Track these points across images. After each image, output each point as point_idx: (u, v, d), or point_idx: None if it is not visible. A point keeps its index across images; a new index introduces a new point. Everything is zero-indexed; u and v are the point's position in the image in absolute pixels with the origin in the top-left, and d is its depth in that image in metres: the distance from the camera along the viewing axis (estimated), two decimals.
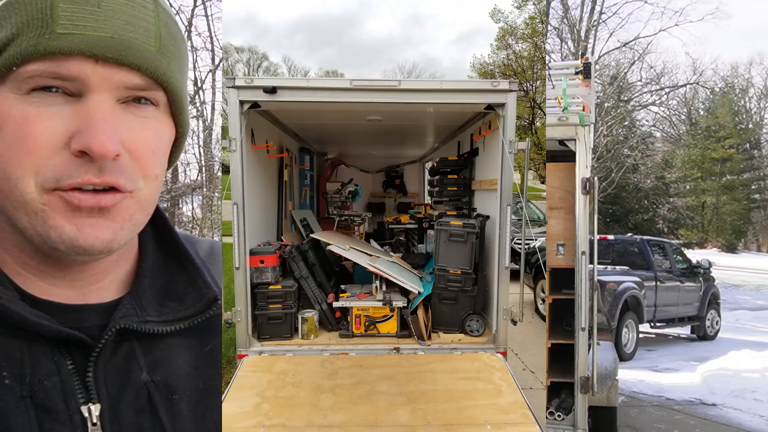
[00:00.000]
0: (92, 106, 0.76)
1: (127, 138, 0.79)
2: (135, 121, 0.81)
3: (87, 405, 0.82)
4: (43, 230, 0.77)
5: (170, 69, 0.83)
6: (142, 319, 0.88)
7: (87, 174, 0.76)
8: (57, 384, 0.82)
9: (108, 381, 0.85)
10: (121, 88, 0.78)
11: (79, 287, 0.88)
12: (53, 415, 0.81)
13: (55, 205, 0.77)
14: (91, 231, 0.78)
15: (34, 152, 0.75)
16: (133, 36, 0.78)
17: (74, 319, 0.85)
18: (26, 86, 0.76)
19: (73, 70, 0.75)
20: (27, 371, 0.81)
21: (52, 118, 0.75)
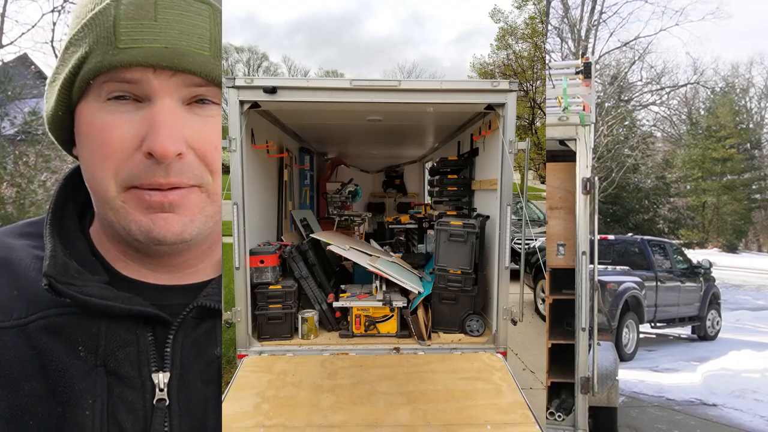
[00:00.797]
0: (155, 110, 0.86)
1: (191, 137, 0.88)
2: (198, 121, 0.90)
3: (158, 373, 0.94)
4: (126, 224, 0.90)
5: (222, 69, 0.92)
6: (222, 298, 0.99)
7: (155, 176, 0.86)
8: (133, 353, 0.94)
9: (184, 353, 0.96)
10: (181, 88, 0.87)
11: (174, 272, 1.00)
12: (125, 381, 0.93)
13: (132, 203, 0.89)
14: (164, 224, 0.89)
15: (112, 155, 0.87)
16: (187, 44, 0.86)
17: (163, 297, 0.97)
18: (103, 96, 0.88)
19: (136, 74, 0.86)
20: (102, 343, 0.93)
21: (125, 124, 0.87)
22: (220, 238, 1.02)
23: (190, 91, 0.88)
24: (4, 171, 8.98)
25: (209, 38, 0.89)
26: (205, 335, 0.97)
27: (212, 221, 0.95)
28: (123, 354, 0.93)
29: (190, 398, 0.94)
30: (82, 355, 0.91)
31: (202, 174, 0.90)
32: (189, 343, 0.96)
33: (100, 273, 0.97)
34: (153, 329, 0.95)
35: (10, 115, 9.43)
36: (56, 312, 0.93)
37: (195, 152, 0.89)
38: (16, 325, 0.92)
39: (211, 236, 0.98)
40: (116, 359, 0.92)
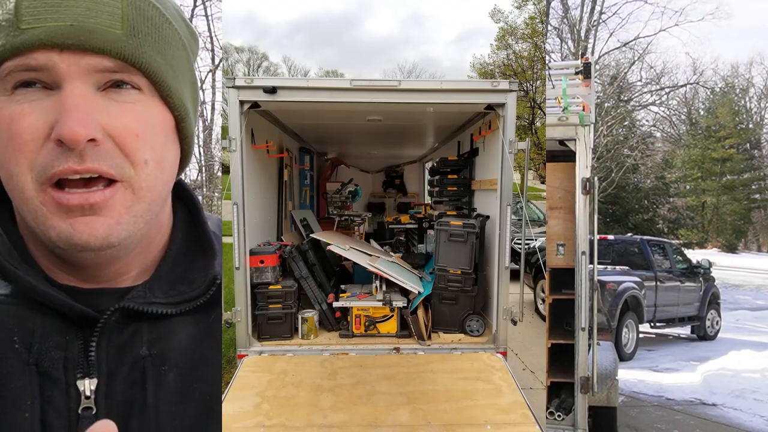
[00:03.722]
0: (65, 95, 0.78)
1: (107, 123, 0.79)
2: (115, 106, 0.81)
3: (84, 379, 0.86)
4: (45, 229, 0.81)
5: (141, 50, 0.82)
6: (147, 300, 0.91)
7: (68, 162, 0.77)
8: (61, 357, 0.86)
9: (110, 358, 0.88)
10: (92, 72, 0.79)
11: (106, 280, 0.91)
12: (56, 383, 0.86)
13: (50, 205, 0.79)
14: (85, 228, 0.80)
15: (24, 147, 0.78)
16: (95, 21, 0.79)
17: (89, 302, 0.89)
18: (9, 85, 0.79)
19: (41, 59, 0.77)
20: (36, 340, 0.85)
21: (34, 112, 0.78)
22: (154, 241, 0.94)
23: (103, 75, 0.80)
24: None
25: (121, 16, 0.81)
26: (131, 339, 0.90)
27: (142, 221, 0.86)
28: (54, 356, 0.86)
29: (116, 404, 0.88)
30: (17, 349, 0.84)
31: (123, 164, 0.81)
32: (114, 347, 0.89)
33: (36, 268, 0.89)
34: (82, 333, 0.88)
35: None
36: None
37: (113, 140, 0.80)
38: None
39: (143, 239, 0.90)
40: (48, 360, 0.85)
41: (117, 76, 0.81)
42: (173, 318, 0.93)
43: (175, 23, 0.90)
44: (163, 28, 0.87)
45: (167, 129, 0.88)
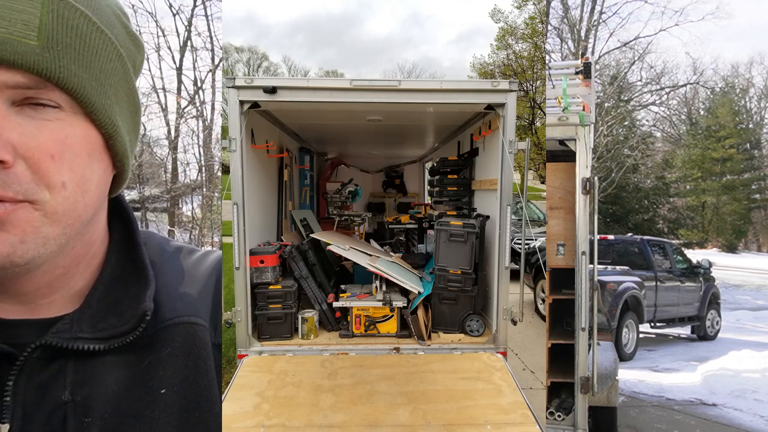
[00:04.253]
0: None
1: (20, 143, 0.71)
2: (30, 125, 0.73)
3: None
4: None
5: (59, 63, 0.74)
6: (73, 335, 0.81)
7: None
8: None
9: (27, 400, 0.79)
10: (3, 88, 0.71)
11: (26, 302, 0.82)
12: None
13: None
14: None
15: None
16: (6, 31, 0.70)
17: (10, 334, 0.80)
18: None
19: None
20: None
21: None
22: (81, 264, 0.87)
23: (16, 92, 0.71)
24: None
25: (38, 26, 0.72)
26: (53, 378, 0.81)
27: (55, 244, 0.77)
28: None
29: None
30: None
31: (35, 189, 0.73)
32: (33, 387, 0.79)
33: None
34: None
35: None
36: None
37: (26, 162, 0.72)
38: None
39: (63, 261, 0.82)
40: None
41: (31, 92, 0.73)
42: (102, 356, 0.84)
43: (108, 31, 0.82)
44: (91, 38, 0.79)
45: (91, 148, 0.79)
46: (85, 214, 0.81)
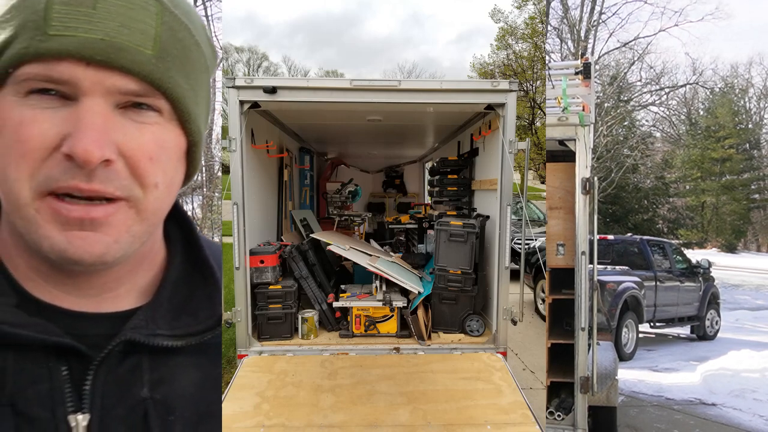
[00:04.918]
0: (83, 110, 0.74)
1: (122, 144, 0.76)
2: (133, 127, 0.78)
3: (76, 414, 0.80)
4: (36, 238, 0.76)
5: (169, 74, 0.79)
6: (151, 332, 0.86)
7: (75, 179, 0.74)
8: (45, 391, 0.80)
9: (106, 392, 0.82)
10: (115, 93, 0.76)
11: (92, 295, 0.86)
12: (35, 423, 0.79)
13: (46, 214, 0.75)
14: (81, 244, 0.76)
15: (29, 155, 0.74)
16: (126, 39, 0.75)
17: (79, 327, 0.83)
18: (23, 89, 0.75)
19: (65, 73, 0.74)
20: (9, 379, 0.79)
21: (46, 120, 0.74)
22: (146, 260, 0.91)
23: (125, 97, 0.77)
24: None
25: (153, 36, 0.77)
26: (130, 373, 0.85)
27: (139, 242, 0.83)
28: (34, 392, 0.79)
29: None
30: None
31: (132, 187, 0.78)
32: (112, 381, 0.83)
33: (6, 294, 0.82)
34: (67, 362, 0.81)
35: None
36: None
37: (126, 161, 0.77)
38: None
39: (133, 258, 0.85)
40: (26, 398, 0.79)
41: (140, 99, 0.78)
42: (175, 356, 0.88)
43: (202, 45, 0.87)
44: (191, 51, 0.84)
45: (180, 153, 0.85)
46: (166, 213, 0.88)
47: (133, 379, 0.85)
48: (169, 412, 0.86)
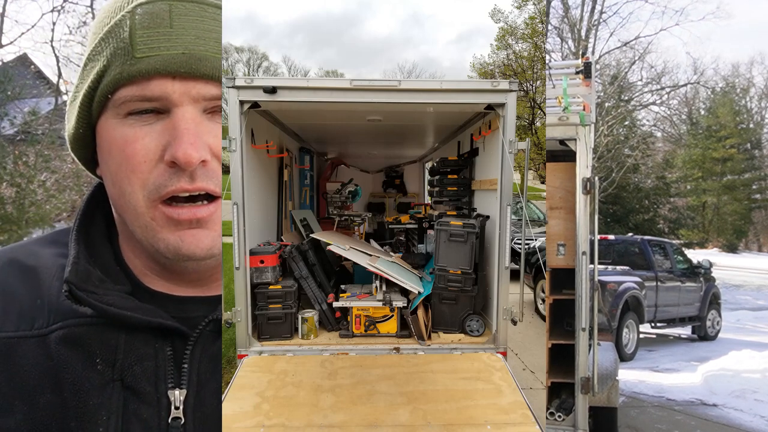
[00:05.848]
0: (177, 119, 0.85)
1: (214, 145, 0.87)
2: (217, 129, 0.88)
3: (174, 390, 0.91)
4: (154, 242, 0.89)
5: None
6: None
7: (180, 182, 0.85)
8: (150, 368, 0.91)
9: (201, 368, 0.93)
10: (201, 99, 0.86)
11: (199, 285, 0.98)
12: (140, 397, 0.90)
13: (160, 220, 0.87)
14: (192, 240, 0.88)
15: (137, 168, 0.86)
16: (204, 48, 0.85)
17: (184, 309, 0.95)
18: (123, 111, 0.87)
19: (156, 90, 0.84)
20: (120, 356, 0.90)
21: (147, 136, 0.85)
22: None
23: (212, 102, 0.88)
24: (4, 171, 8.99)
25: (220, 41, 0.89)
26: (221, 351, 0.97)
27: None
28: (141, 368, 0.91)
29: (205, 417, 0.91)
30: (99, 369, 0.89)
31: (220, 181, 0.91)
32: (207, 358, 0.94)
33: (123, 283, 0.95)
34: (172, 343, 0.93)
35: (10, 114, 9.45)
36: (76, 322, 0.91)
37: (217, 161, 0.89)
38: (37, 335, 0.90)
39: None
40: (133, 374, 0.90)
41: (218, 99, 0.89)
42: None
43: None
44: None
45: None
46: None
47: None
48: None
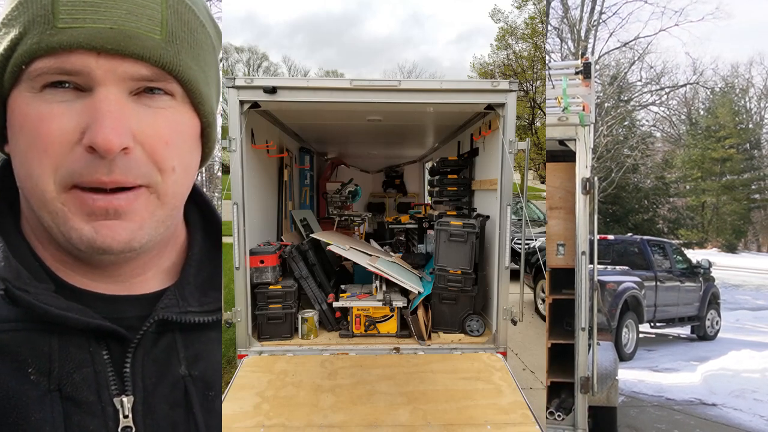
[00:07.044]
0: (98, 100, 0.75)
1: (138, 130, 0.77)
2: (147, 113, 0.79)
3: (120, 397, 0.82)
4: (65, 230, 0.78)
5: (179, 57, 0.80)
6: (182, 309, 0.88)
7: (97, 173, 0.75)
8: (90, 375, 0.82)
9: (145, 373, 0.85)
10: (127, 80, 0.77)
11: (121, 281, 0.88)
12: (83, 407, 0.80)
13: (72, 206, 0.77)
14: (108, 232, 0.78)
15: (50, 149, 0.75)
16: (135, 25, 0.76)
17: (115, 310, 0.86)
18: (38, 84, 0.76)
19: (77, 64, 0.75)
20: (55, 365, 0.80)
21: (64, 114, 0.75)
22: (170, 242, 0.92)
23: (138, 83, 0.78)
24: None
25: (161, 21, 0.78)
26: (166, 352, 0.87)
27: (163, 226, 0.84)
28: (80, 376, 0.81)
29: (157, 425, 0.83)
30: (32, 379, 0.79)
31: (151, 172, 0.79)
32: (150, 361, 0.85)
33: (44, 280, 0.84)
34: (107, 346, 0.83)
35: None
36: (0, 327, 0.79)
37: (143, 147, 0.78)
38: None
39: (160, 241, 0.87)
40: (73, 382, 0.80)
41: (153, 84, 0.79)
42: (207, 332, 0.90)
43: (206, 25, 0.88)
44: (198, 32, 0.85)
45: (195, 135, 0.86)
46: (186, 196, 0.89)
47: (169, 358, 0.87)
48: (208, 388, 0.88)
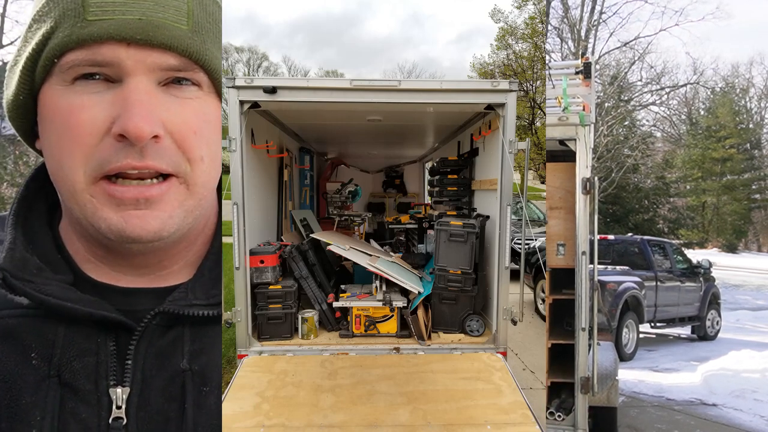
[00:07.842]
0: (129, 90, 0.77)
1: (167, 119, 0.79)
2: (176, 103, 0.80)
3: (116, 388, 0.83)
4: (94, 221, 0.80)
5: (205, 47, 0.82)
6: (188, 302, 0.88)
7: (128, 158, 0.77)
8: (91, 364, 0.83)
9: (146, 365, 0.85)
10: (156, 70, 0.79)
11: (146, 273, 0.89)
12: (79, 395, 0.82)
13: (101, 197, 0.79)
14: (138, 222, 0.79)
15: (81, 140, 0.77)
16: (162, 16, 0.78)
17: (129, 302, 0.87)
18: (69, 76, 0.78)
19: (108, 55, 0.76)
20: (57, 351, 0.82)
21: (95, 106, 0.77)
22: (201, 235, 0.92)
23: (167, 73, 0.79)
24: (5, 171, 9.01)
25: (187, 12, 0.80)
26: (171, 345, 0.87)
27: (192, 216, 0.85)
28: (80, 364, 0.82)
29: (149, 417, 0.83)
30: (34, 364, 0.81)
31: (180, 161, 0.81)
32: (152, 354, 0.86)
33: (63, 272, 0.86)
34: (116, 338, 0.85)
35: None
36: (10, 313, 0.83)
37: (172, 137, 0.80)
38: None
39: (190, 233, 0.88)
40: (72, 370, 0.82)
41: (180, 74, 0.81)
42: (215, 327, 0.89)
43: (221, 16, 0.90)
44: (218, 22, 0.86)
45: (220, 125, 0.88)
46: (215, 186, 0.90)
47: (173, 351, 0.87)
48: (204, 383, 0.88)
